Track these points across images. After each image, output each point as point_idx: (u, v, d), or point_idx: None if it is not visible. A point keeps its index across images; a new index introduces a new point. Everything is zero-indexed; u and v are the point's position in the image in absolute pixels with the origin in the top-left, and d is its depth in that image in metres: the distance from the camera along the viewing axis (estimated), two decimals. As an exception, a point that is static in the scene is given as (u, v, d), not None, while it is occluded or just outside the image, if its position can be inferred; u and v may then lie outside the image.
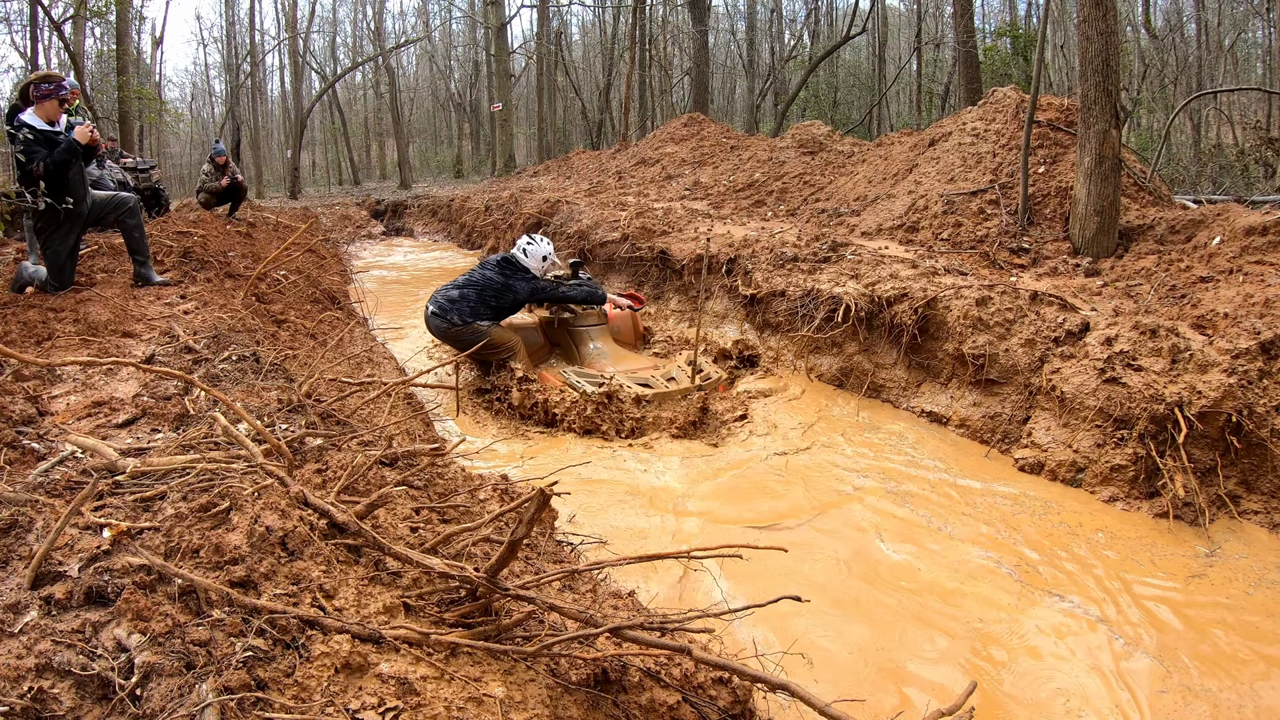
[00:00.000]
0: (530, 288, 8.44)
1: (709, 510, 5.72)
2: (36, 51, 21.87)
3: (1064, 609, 4.44)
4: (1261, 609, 4.39)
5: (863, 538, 5.28)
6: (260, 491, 2.62)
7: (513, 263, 8.56)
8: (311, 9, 39.44)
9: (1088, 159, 8.57)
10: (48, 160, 6.51)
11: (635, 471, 6.38)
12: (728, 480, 6.23)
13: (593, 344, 8.85)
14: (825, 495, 5.90)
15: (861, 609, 4.49)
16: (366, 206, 27.57)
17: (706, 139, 19.86)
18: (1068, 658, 4.02)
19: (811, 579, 4.79)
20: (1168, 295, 7.21)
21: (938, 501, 5.76)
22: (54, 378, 4.49)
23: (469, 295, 8.20)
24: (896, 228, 10.50)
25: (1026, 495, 5.76)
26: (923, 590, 4.65)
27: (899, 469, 6.32)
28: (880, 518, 5.52)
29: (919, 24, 28.76)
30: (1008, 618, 4.37)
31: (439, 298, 8.27)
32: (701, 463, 6.55)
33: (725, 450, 6.84)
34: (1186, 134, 21.32)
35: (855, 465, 6.42)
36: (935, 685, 3.86)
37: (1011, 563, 4.92)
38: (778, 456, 6.60)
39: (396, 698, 2.00)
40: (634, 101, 30.22)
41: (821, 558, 5.02)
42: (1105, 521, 5.33)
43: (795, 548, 4.89)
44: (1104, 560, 4.90)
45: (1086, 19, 8.53)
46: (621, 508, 5.73)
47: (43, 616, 2.07)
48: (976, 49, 21.13)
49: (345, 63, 43.92)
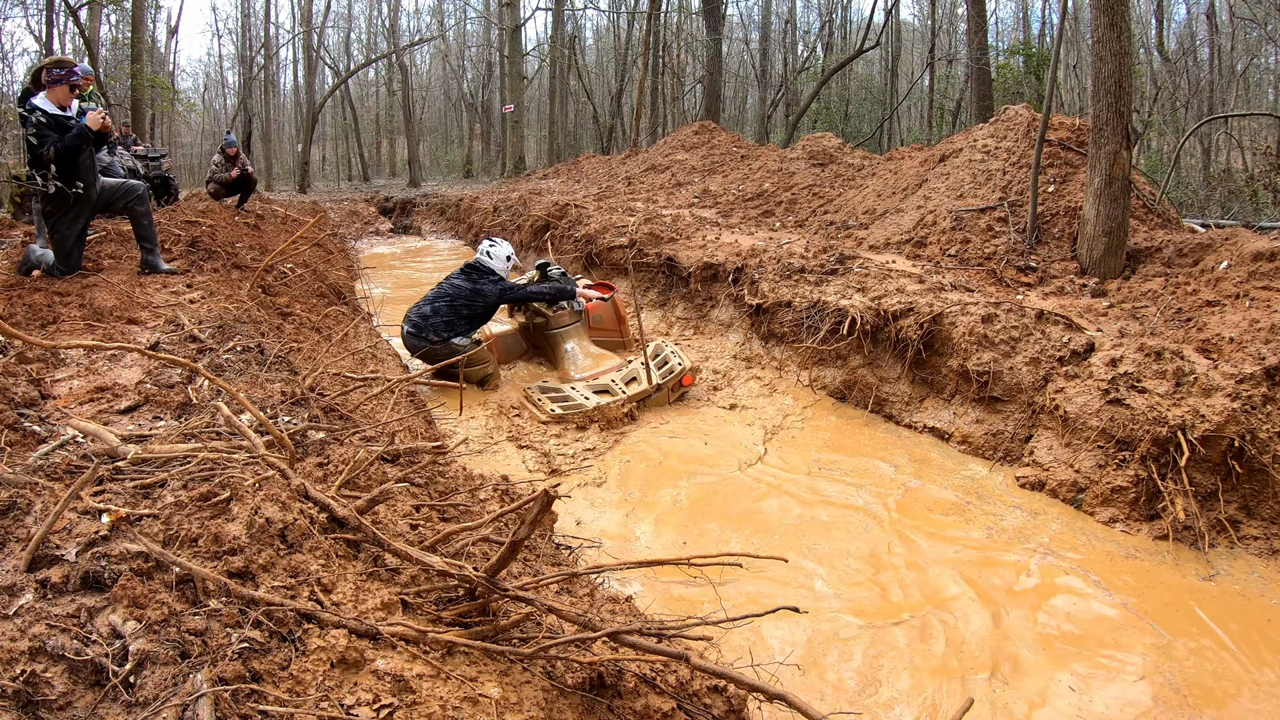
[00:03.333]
0: (499, 289, 8.58)
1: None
2: (52, 37, 21.91)
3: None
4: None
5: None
6: (261, 483, 2.61)
7: (478, 267, 8.71)
8: (327, 4, 39.51)
9: (1098, 179, 8.56)
10: (59, 145, 6.51)
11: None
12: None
13: (566, 345, 8.98)
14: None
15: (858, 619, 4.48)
16: (375, 203, 27.61)
17: (717, 147, 19.86)
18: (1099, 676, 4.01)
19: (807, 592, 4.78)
20: (1173, 318, 7.20)
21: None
22: (58, 361, 4.48)
23: (440, 309, 8.35)
24: (904, 242, 10.48)
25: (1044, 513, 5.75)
26: (921, 604, 4.65)
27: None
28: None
29: (933, 39, 28.84)
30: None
31: (413, 316, 8.45)
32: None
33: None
34: (1196, 157, 21.32)
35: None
36: (930, 702, 3.85)
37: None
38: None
39: (392, 695, 1.98)
40: (645, 107, 30.25)
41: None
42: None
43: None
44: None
45: (1101, 40, 8.53)
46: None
47: (38, 600, 2.06)
48: (989, 66, 21.16)
49: (359, 59, 44.05)
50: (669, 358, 8.28)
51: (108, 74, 24.31)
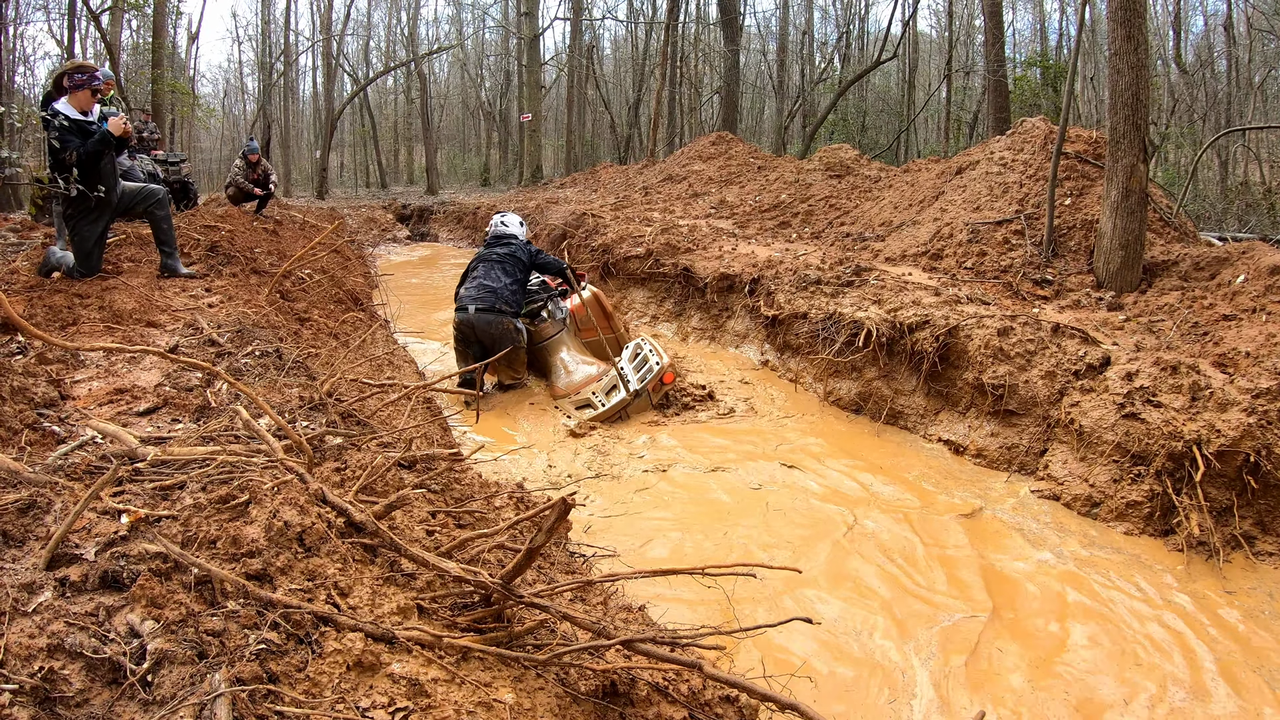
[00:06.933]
0: (528, 250, 8.73)
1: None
2: (73, 41, 22.20)
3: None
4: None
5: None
6: (279, 486, 2.62)
7: (501, 236, 8.89)
8: (346, 12, 39.72)
9: (1114, 192, 8.54)
10: (80, 149, 6.57)
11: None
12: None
13: (553, 358, 8.87)
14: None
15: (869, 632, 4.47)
16: (393, 210, 27.71)
17: (734, 158, 19.88)
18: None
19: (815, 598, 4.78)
20: (1190, 332, 7.17)
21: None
22: (77, 363, 4.52)
23: (498, 275, 8.42)
24: (921, 254, 10.47)
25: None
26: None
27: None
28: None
29: (950, 51, 28.82)
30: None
31: (475, 293, 8.36)
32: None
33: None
34: (1214, 170, 21.22)
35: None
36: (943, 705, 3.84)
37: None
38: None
39: (407, 698, 1.99)
40: (663, 118, 30.28)
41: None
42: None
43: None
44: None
45: (1118, 52, 8.51)
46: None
47: (57, 598, 2.08)
48: (1006, 78, 21.10)
49: (378, 66, 44.14)
50: (647, 357, 8.13)
51: (129, 79, 24.47)
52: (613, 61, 46.87)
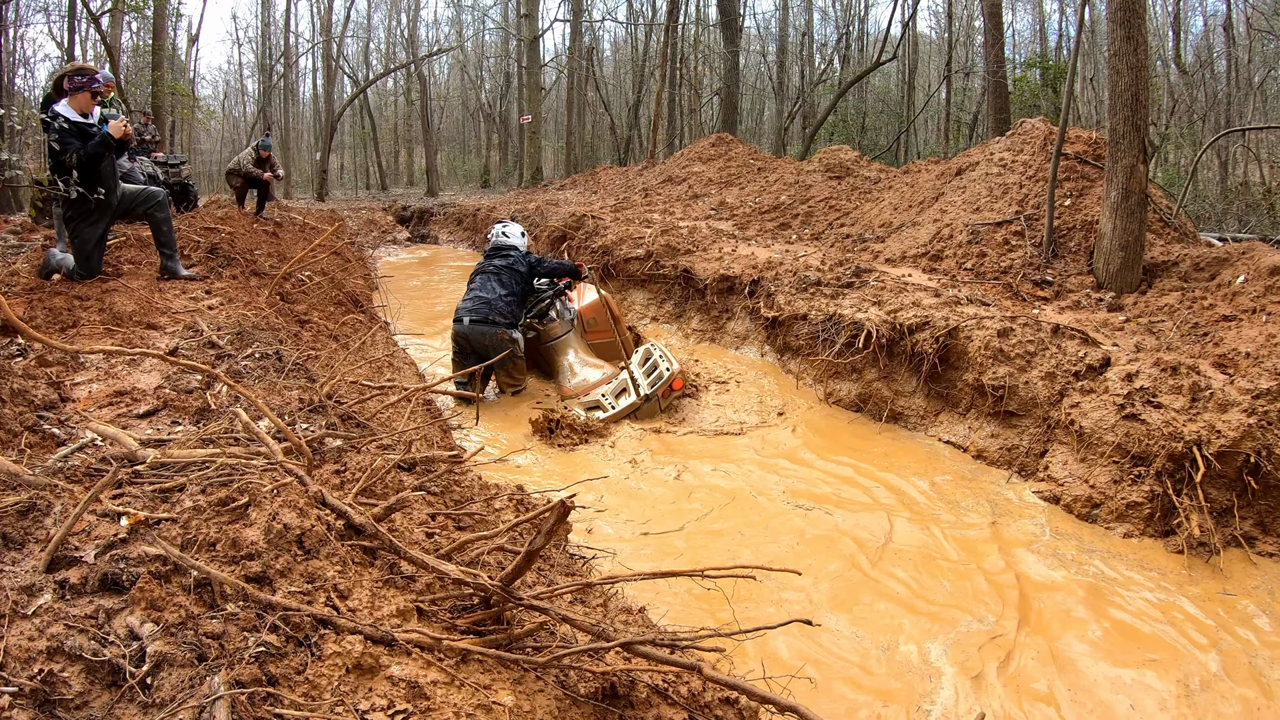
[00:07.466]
0: (527, 260, 8.73)
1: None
2: (73, 43, 22.22)
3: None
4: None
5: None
6: (279, 489, 2.62)
7: (501, 247, 8.86)
8: (346, 14, 39.75)
9: (1114, 193, 8.54)
10: (81, 151, 6.58)
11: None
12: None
13: (562, 359, 8.94)
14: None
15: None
16: (393, 212, 27.74)
17: (734, 159, 19.88)
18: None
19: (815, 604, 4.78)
20: (1190, 333, 7.17)
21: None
22: (77, 365, 4.52)
23: (492, 287, 8.46)
24: (921, 256, 10.47)
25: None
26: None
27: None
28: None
29: (949, 52, 28.85)
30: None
31: (471, 304, 8.41)
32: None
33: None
34: (1213, 171, 21.24)
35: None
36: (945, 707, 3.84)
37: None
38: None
39: (406, 701, 1.99)
40: (663, 119, 30.31)
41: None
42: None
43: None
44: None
45: (1117, 53, 8.51)
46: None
47: (56, 600, 2.08)
48: (1006, 79, 21.10)
49: (378, 68, 44.21)
50: (658, 362, 8.21)
51: (129, 81, 24.52)
52: (613, 63, 46.92)
